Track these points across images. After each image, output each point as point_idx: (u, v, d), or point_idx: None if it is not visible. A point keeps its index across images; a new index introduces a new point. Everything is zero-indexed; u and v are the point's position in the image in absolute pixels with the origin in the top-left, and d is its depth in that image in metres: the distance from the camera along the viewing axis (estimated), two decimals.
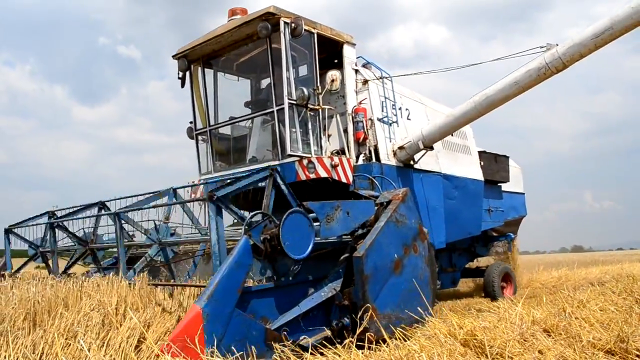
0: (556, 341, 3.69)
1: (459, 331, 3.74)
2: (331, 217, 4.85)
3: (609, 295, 5.59)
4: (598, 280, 11.26)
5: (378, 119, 7.75)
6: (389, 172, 7.63)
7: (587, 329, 3.91)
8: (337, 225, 4.91)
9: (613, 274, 13.60)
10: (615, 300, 5.22)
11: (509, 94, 6.78)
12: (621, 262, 21.09)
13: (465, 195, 9.17)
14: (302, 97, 6.94)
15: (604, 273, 14.91)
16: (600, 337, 3.70)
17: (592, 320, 4.15)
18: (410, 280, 5.23)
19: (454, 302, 9.48)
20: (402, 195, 5.33)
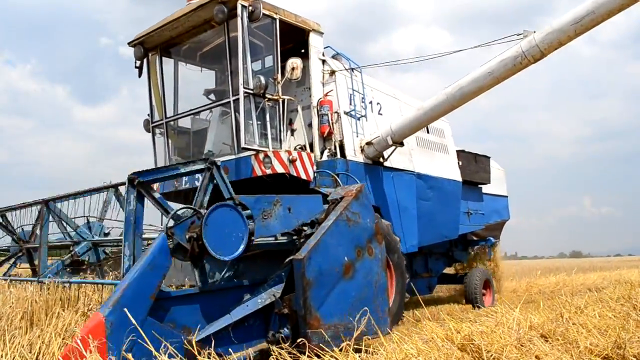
0: (553, 347, 3.68)
1: (456, 335, 3.72)
2: (268, 214, 4.29)
3: (607, 302, 5.59)
4: (596, 286, 11.05)
5: (345, 112, 7.21)
6: (355, 169, 7.09)
7: (584, 335, 3.86)
8: (275, 223, 4.35)
9: (611, 280, 13.61)
10: (613, 307, 5.22)
11: (482, 85, 6.26)
12: (619, 268, 21.11)
13: (441, 196, 8.63)
14: (260, 85, 6.39)
15: (602, 279, 14.92)
16: (597, 343, 3.68)
17: (589, 326, 4.10)
18: (364, 286, 4.67)
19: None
20: (355, 192, 4.77)
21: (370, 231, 4.87)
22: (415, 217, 7.98)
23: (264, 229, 4.25)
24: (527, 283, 14.16)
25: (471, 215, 9.79)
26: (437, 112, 6.67)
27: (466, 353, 3.54)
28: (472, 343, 3.57)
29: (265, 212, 4.26)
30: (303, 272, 4.12)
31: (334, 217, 4.50)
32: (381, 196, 7.46)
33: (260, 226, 4.20)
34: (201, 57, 8.28)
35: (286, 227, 4.47)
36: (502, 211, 11.47)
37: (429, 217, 8.34)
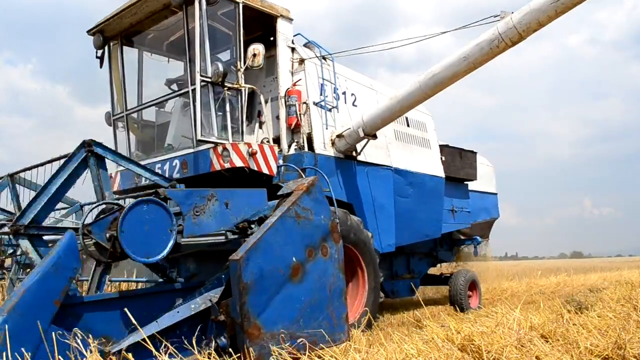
0: (553, 347, 3.67)
1: (456, 336, 3.72)
2: (201, 210, 3.84)
3: (607, 302, 5.58)
4: (596, 287, 11.23)
5: (314, 103, 6.75)
6: (325, 164, 6.63)
7: (584, 336, 3.87)
8: (209, 220, 3.89)
9: (611, 280, 13.60)
10: (613, 307, 5.21)
11: (457, 71, 5.79)
12: (620, 269, 21.28)
13: (422, 193, 8.16)
14: (218, 73, 5.94)
15: (602, 279, 14.90)
16: (597, 343, 3.67)
17: (589, 327, 4.10)
18: (316, 290, 4.22)
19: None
20: (307, 185, 4.31)
21: (325, 229, 4.41)
22: (393, 215, 7.51)
23: (195, 226, 3.80)
24: (527, 283, 14.09)
25: (456, 213, 9.31)
26: (410, 101, 6.21)
27: (466, 353, 3.53)
28: (472, 343, 3.56)
29: (197, 208, 3.80)
30: (240, 275, 3.66)
31: (280, 213, 4.05)
32: (354, 193, 7.01)
33: (191, 224, 3.75)
34: (168, 46, 7.82)
35: (223, 224, 4.01)
36: (491, 209, 10.99)
37: (408, 215, 7.88)
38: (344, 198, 6.83)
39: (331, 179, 6.69)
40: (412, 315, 8.19)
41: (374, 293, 6.63)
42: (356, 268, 6.61)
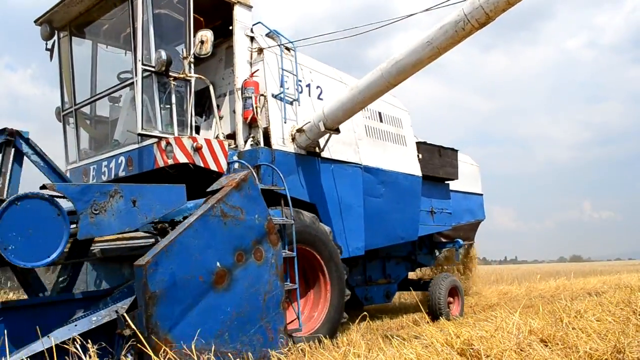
0: (553, 351, 3.67)
1: (455, 340, 3.70)
2: (102, 207, 3.34)
3: (607, 306, 5.54)
4: (596, 291, 11.19)
5: (273, 95, 6.26)
6: (283, 160, 6.13)
7: (584, 340, 3.85)
8: (112, 220, 3.40)
9: (611, 284, 13.59)
10: (613, 311, 5.20)
11: (421, 57, 5.29)
12: (619, 273, 20.93)
13: (395, 193, 7.65)
14: (161, 62, 5.46)
15: (602, 283, 14.82)
16: (597, 347, 3.65)
17: (589, 331, 4.10)
18: (247, 299, 3.72)
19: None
20: (237, 181, 3.81)
21: (259, 230, 3.91)
22: (362, 215, 7.00)
23: (93, 227, 3.30)
24: (526, 287, 14.06)
25: (436, 215, 8.79)
26: (373, 91, 5.71)
27: (465, 358, 3.53)
28: (471, 348, 3.56)
29: (96, 205, 3.31)
30: (145, 283, 3.17)
31: (200, 212, 3.54)
32: (318, 192, 6.51)
33: (88, 224, 3.26)
34: (125, 38, 7.36)
35: (129, 224, 3.52)
36: (476, 210, 10.47)
37: (380, 216, 7.37)
38: (306, 197, 6.34)
39: (291, 176, 6.21)
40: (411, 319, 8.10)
41: (338, 299, 6.12)
42: (317, 273, 6.11)
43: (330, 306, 6.06)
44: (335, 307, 6.09)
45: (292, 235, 5.44)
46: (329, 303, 6.06)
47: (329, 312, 6.04)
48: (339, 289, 6.17)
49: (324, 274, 6.08)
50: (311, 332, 5.82)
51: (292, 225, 5.48)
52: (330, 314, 6.04)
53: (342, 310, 6.19)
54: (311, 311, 6.07)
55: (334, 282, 6.13)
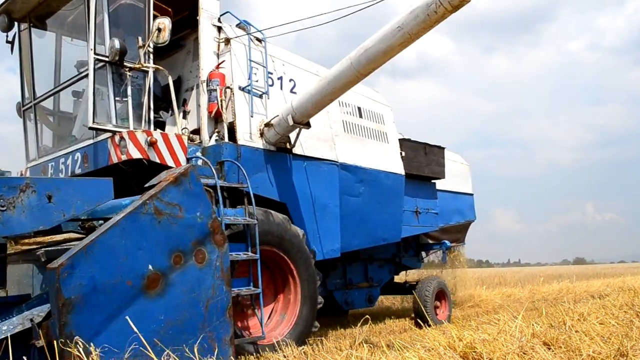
0: (556, 354, 3.67)
1: (458, 343, 3.69)
2: (10, 203, 2.98)
3: (610, 309, 5.51)
4: (599, 293, 11.22)
5: (240, 88, 5.90)
6: (250, 157, 5.77)
7: (587, 343, 3.83)
8: (23, 217, 3.06)
9: (614, 286, 13.47)
10: (616, 314, 5.17)
11: (392, 43, 4.91)
12: (623, 275, 20.97)
13: (376, 192, 7.27)
14: (114, 51, 5.12)
15: (605, 286, 14.79)
16: (600, 350, 3.63)
17: (592, 334, 4.08)
18: (184, 306, 3.35)
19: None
20: (176, 175, 3.45)
21: (202, 230, 3.55)
22: (338, 215, 6.62)
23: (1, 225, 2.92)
24: (529, 290, 14.09)
25: (421, 215, 8.40)
26: (342, 82, 5.33)
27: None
28: (474, 351, 3.54)
29: (3, 200, 2.94)
30: (58, 288, 2.80)
31: (129, 210, 3.17)
32: (289, 190, 6.13)
33: None
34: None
35: (43, 222, 3.17)
36: (466, 211, 10.07)
37: (358, 216, 6.99)
38: (276, 196, 5.97)
39: (259, 174, 5.85)
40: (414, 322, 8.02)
41: (310, 304, 5.75)
42: (287, 276, 5.74)
43: (300, 311, 5.69)
44: (306, 312, 5.72)
45: (255, 235, 5.08)
46: (299, 308, 5.69)
47: (299, 318, 5.67)
48: (311, 293, 5.80)
49: (294, 278, 5.72)
50: (280, 338, 5.46)
51: (255, 226, 5.12)
52: (301, 320, 5.67)
53: (314, 315, 5.82)
54: (280, 317, 5.70)
55: (305, 286, 5.76)
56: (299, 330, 5.63)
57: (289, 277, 5.72)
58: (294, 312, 5.67)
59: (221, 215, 4.83)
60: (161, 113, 6.32)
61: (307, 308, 5.74)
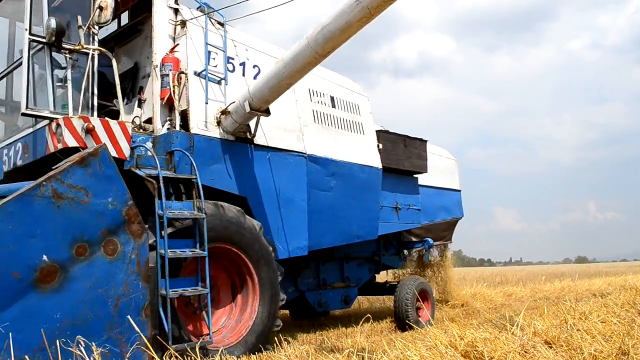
0: (557, 353, 3.66)
1: (459, 342, 3.70)
2: None
3: (612, 307, 5.51)
4: (601, 292, 11.23)
5: (196, 73, 5.49)
6: (205, 147, 5.37)
7: (588, 341, 3.82)
8: None
9: (616, 285, 13.47)
10: (618, 312, 5.17)
11: (350, 20, 4.48)
12: (625, 274, 21.04)
13: (349, 186, 6.84)
14: (50, 31, 4.71)
15: (607, 284, 14.80)
16: (601, 349, 3.63)
17: (593, 332, 4.07)
18: (88, 303, 2.95)
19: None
20: (83, 155, 3.04)
21: (114, 218, 3.16)
22: (305, 211, 6.20)
23: None
24: (531, 289, 14.10)
25: (401, 211, 7.96)
26: (300, 64, 4.90)
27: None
28: (475, 350, 3.54)
29: None
30: None
31: (20, 192, 2.77)
32: (250, 183, 5.72)
33: None
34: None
35: None
36: (453, 208, 9.63)
37: (330, 211, 6.58)
38: (235, 190, 5.56)
39: (215, 165, 5.45)
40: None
41: (269, 304, 5.34)
42: (244, 275, 5.32)
43: (259, 313, 5.28)
44: (265, 313, 5.31)
45: (203, 231, 4.67)
46: (258, 309, 5.27)
47: (258, 319, 5.25)
48: (271, 293, 5.38)
49: (251, 276, 5.31)
50: (235, 343, 5.05)
51: (203, 220, 4.71)
52: (259, 321, 5.26)
53: (274, 316, 5.40)
54: (238, 318, 5.29)
55: (265, 286, 5.35)
56: (258, 331, 5.22)
57: (246, 277, 5.32)
58: (253, 313, 5.26)
59: (163, 208, 4.43)
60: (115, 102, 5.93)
61: (267, 308, 5.32)
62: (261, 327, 5.26)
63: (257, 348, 5.18)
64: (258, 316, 5.27)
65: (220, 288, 5.36)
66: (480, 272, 27.76)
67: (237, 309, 5.34)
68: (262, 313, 5.29)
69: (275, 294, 5.42)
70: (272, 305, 5.38)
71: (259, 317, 5.27)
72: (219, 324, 5.27)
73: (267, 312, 5.32)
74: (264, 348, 5.26)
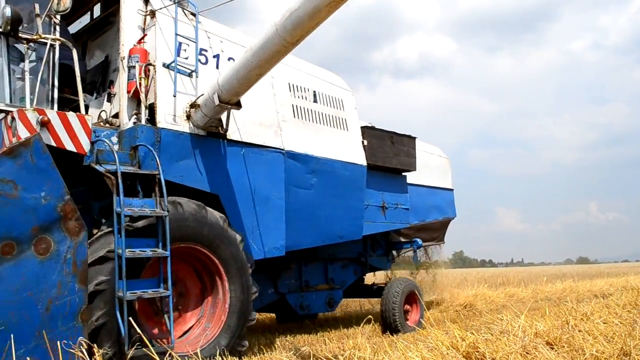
0: (559, 354, 3.63)
1: (461, 343, 3.68)
2: None
3: (613, 308, 5.52)
4: (602, 293, 11.23)
5: (164, 65, 5.25)
6: (174, 142, 5.12)
7: (590, 342, 3.79)
8: None
9: (618, 286, 13.56)
10: (620, 313, 5.17)
11: (319, 4, 4.21)
12: (626, 274, 20.88)
13: (331, 184, 6.58)
14: (5, 20, 4.48)
15: (609, 285, 14.87)
16: (603, 350, 3.60)
17: (595, 333, 4.05)
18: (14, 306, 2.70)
19: None
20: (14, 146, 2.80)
21: (47, 214, 2.92)
22: (282, 209, 5.94)
23: None
24: (533, 290, 14.11)
25: (388, 210, 7.68)
26: (268, 53, 4.64)
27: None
28: (477, 351, 3.55)
29: None
30: None
31: None
32: (222, 180, 5.46)
33: None
34: None
35: None
36: (446, 207, 9.33)
37: (310, 210, 6.32)
38: (206, 187, 5.30)
39: (185, 161, 5.20)
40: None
41: (240, 307, 5.07)
42: (213, 276, 5.06)
43: (229, 316, 5.01)
44: (236, 316, 5.04)
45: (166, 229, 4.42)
46: (228, 312, 5.01)
47: (227, 324, 4.99)
48: (242, 295, 5.11)
49: (221, 277, 5.04)
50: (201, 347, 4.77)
51: (166, 218, 4.45)
52: (229, 326, 4.99)
53: (245, 319, 5.12)
54: (206, 322, 5.02)
55: (235, 287, 5.08)
56: (227, 336, 4.95)
57: (215, 277, 5.05)
58: (222, 316, 5.00)
59: (121, 205, 4.18)
60: (85, 95, 5.69)
61: (237, 311, 5.05)
62: (230, 331, 4.99)
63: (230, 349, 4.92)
64: (227, 320, 5.00)
65: (190, 289, 5.10)
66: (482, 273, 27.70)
67: (206, 313, 5.08)
68: (231, 317, 5.02)
69: (245, 296, 5.14)
70: (243, 308, 5.11)
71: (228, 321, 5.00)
72: (187, 326, 5.01)
73: (237, 315, 5.05)
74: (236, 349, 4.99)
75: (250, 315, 5.20)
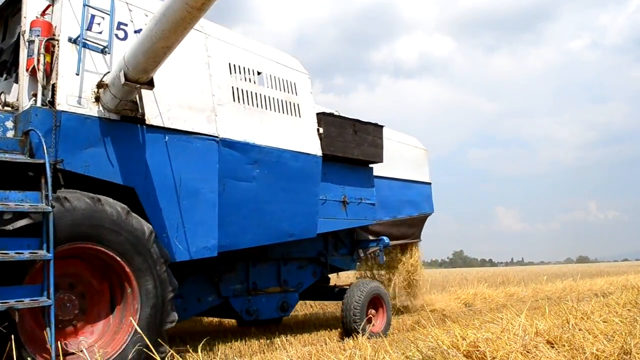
0: (559, 353, 3.64)
1: (461, 342, 3.68)
2: None
3: (613, 307, 5.54)
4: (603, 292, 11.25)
5: (70, 39, 4.58)
6: (78, 127, 4.47)
7: (590, 341, 3.78)
8: None
9: (618, 285, 13.62)
10: (620, 312, 5.19)
11: None
12: (626, 273, 21.05)
13: (278, 176, 5.90)
14: None
15: (609, 284, 14.93)
16: (603, 349, 3.61)
17: (595, 332, 4.00)
18: None
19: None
20: None
21: None
22: (215, 204, 5.26)
23: None
24: (533, 289, 14.10)
25: (350, 205, 6.98)
26: (172, 21, 3.93)
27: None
28: (477, 350, 3.55)
29: None
30: None
31: None
32: (139, 171, 4.80)
33: None
34: None
35: None
36: (422, 202, 8.62)
37: (251, 205, 5.65)
38: (118, 179, 4.65)
39: (92, 149, 4.55)
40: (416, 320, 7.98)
41: (154, 316, 4.41)
42: (122, 282, 4.40)
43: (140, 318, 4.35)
44: (147, 327, 4.37)
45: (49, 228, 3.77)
46: (132, 331, 4.32)
47: (136, 336, 4.32)
48: (156, 303, 4.45)
49: (130, 283, 4.38)
50: None
51: (49, 214, 3.80)
52: (138, 339, 4.32)
53: (160, 329, 4.46)
54: (112, 336, 4.37)
55: (148, 294, 4.42)
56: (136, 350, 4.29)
57: (124, 283, 4.40)
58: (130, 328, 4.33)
59: None
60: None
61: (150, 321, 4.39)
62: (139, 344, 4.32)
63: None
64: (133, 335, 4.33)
65: (93, 298, 4.45)
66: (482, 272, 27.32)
67: (113, 325, 4.42)
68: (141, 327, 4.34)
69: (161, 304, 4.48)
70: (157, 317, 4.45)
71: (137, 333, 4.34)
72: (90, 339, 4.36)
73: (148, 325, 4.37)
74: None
75: (168, 316, 4.55)
